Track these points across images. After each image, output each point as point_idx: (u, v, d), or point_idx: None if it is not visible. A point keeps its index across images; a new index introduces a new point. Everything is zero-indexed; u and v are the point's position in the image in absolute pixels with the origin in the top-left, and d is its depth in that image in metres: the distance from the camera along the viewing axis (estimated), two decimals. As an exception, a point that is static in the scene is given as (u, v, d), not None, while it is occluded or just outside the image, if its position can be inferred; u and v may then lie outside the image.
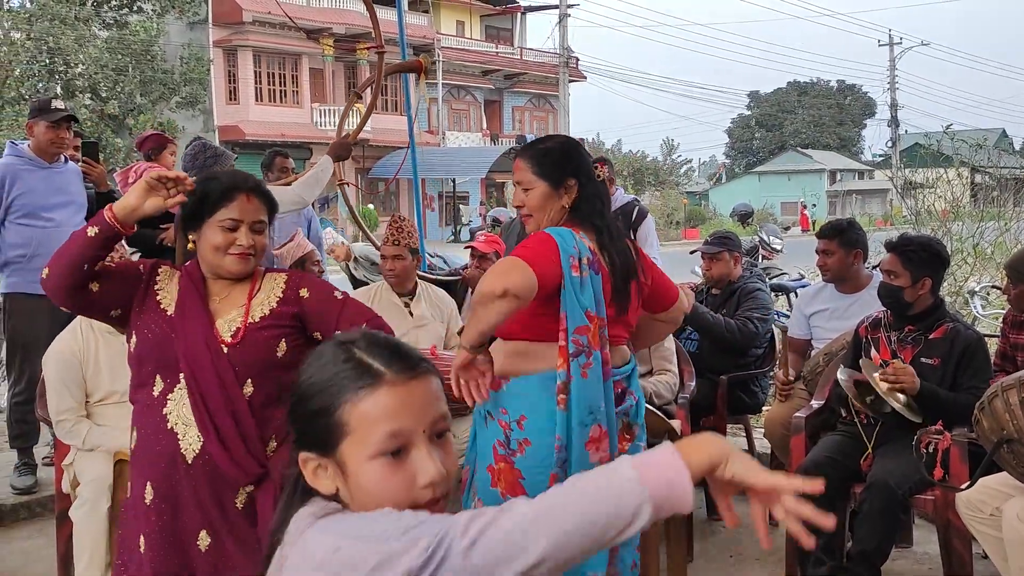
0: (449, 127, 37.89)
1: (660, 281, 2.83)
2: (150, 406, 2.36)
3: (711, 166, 71.87)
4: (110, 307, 2.37)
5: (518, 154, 2.74)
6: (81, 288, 2.31)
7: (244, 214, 2.35)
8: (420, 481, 1.26)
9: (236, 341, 2.34)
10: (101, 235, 2.27)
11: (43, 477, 4.88)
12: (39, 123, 4.77)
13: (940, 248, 3.68)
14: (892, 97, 47.97)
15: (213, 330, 2.35)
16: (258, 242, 2.38)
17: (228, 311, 2.40)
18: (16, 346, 4.82)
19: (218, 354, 2.32)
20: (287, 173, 6.12)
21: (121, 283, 2.38)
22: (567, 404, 2.52)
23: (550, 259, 2.49)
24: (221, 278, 2.40)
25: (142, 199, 2.27)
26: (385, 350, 1.31)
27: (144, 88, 24.63)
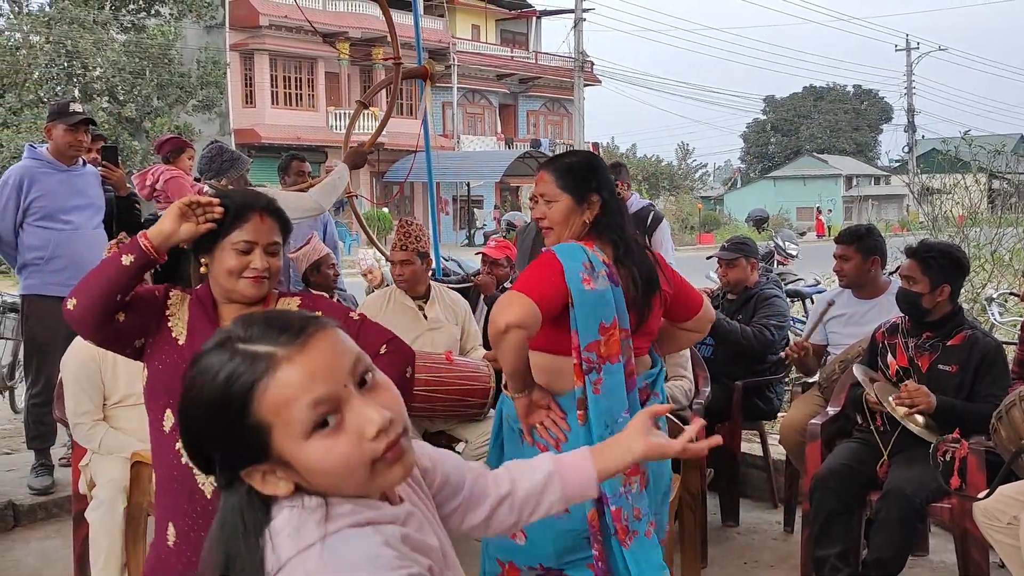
0: (464, 131, 37.94)
1: (684, 289, 2.84)
2: (163, 444, 2.26)
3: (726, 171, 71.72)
4: (134, 337, 2.26)
5: (542, 167, 2.75)
6: (111, 320, 2.20)
7: (258, 235, 2.25)
8: (368, 434, 1.17)
9: None
10: (136, 264, 2.18)
11: (60, 478, 4.90)
12: (57, 126, 4.80)
13: (960, 255, 3.66)
14: (909, 102, 47.73)
15: None
16: (272, 264, 2.27)
17: None
18: (34, 348, 4.85)
19: None
20: (304, 177, 6.14)
21: (144, 310, 2.27)
22: (586, 419, 2.55)
23: (551, 282, 2.51)
24: (233, 302, 2.29)
25: (176, 224, 2.19)
26: (264, 327, 1.19)
27: (161, 91, 24.78)
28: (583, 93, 34.18)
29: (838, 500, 3.45)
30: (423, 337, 4.22)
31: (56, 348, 3.94)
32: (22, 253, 4.79)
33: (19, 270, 4.87)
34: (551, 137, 40.34)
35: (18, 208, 4.72)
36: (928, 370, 3.51)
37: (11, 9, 25.78)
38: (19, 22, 24.54)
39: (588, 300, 2.52)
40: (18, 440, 5.77)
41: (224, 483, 1.23)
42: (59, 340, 3.98)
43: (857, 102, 67.79)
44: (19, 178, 4.75)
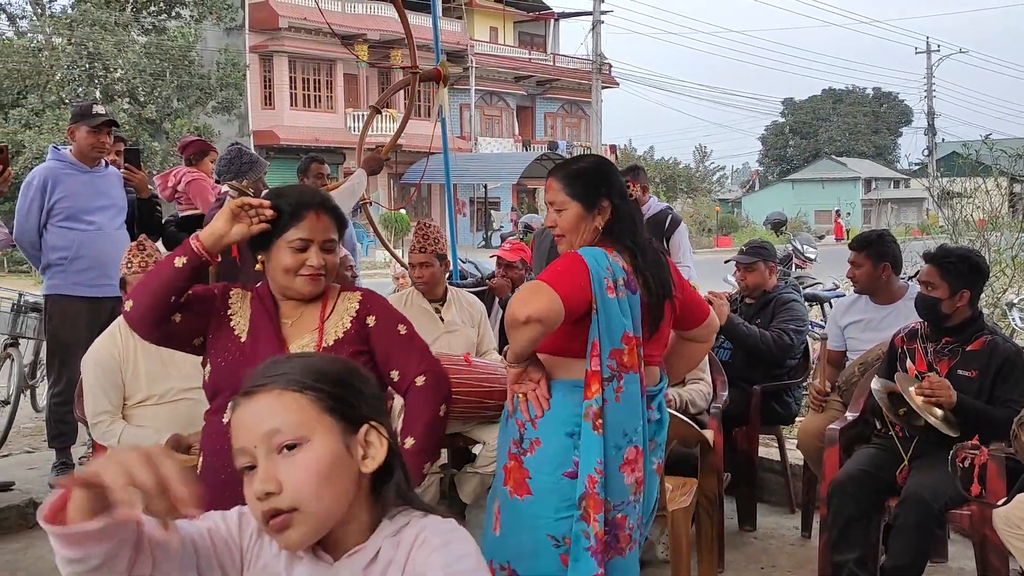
0: (481, 133, 37.99)
1: (690, 296, 2.81)
2: (220, 433, 2.23)
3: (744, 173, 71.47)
4: (193, 336, 2.31)
5: (551, 174, 2.71)
6: (166, 320, 2.24)
7: (314, 233, 2.25)
8: (250, 494, 1.36)
9: None
10: (189, 265, 2.20)
11: (80, 477, 4.94)
12: (80, 128, 4.85)
13: (980, 260, 3.64)
14: (929, 105, 47.47)
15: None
16: (329, 261, 2.28)
17: (301, 335, 2.29)
18: (56, 347, 4.89)
19: None
20: (322, 179, 6.16)
21: (201, 310, 2.29)
22: (603, 428, 2.48)
23: (578, 283, 2.46)
24: (291, 299, 2.31)
25: (228, 226, 2.21)
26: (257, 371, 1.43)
27: (181, 93, 24.95)
28: (601, 95, 34.15)
29: (856, 505, 3.44)
30: (440, 340, 4.23)
31: (78, 348, 3.98)
32: (46, 253, 4.84)
33: (42, 270, 4.92)
34: (568, 139, 40.33)
35: (42, 209, 4.77)
36: (947, 375, 3.49)
37: (34, 11, 26.04)
38: (42, 24, 24.77)
39: (612, 308, 2.48)
40: (39, 439, 5.82)
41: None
42: (81, 340, 4.02)
43: (876, 105, 67.42)
44: (43, 179, 4.80)
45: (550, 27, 42.77)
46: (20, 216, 4.82)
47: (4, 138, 20.98)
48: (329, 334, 2.28)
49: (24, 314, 6.09)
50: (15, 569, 4.19)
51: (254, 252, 2.30)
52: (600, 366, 2.48)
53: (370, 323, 2.31)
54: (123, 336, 3.77)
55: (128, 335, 3.78)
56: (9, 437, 5.80)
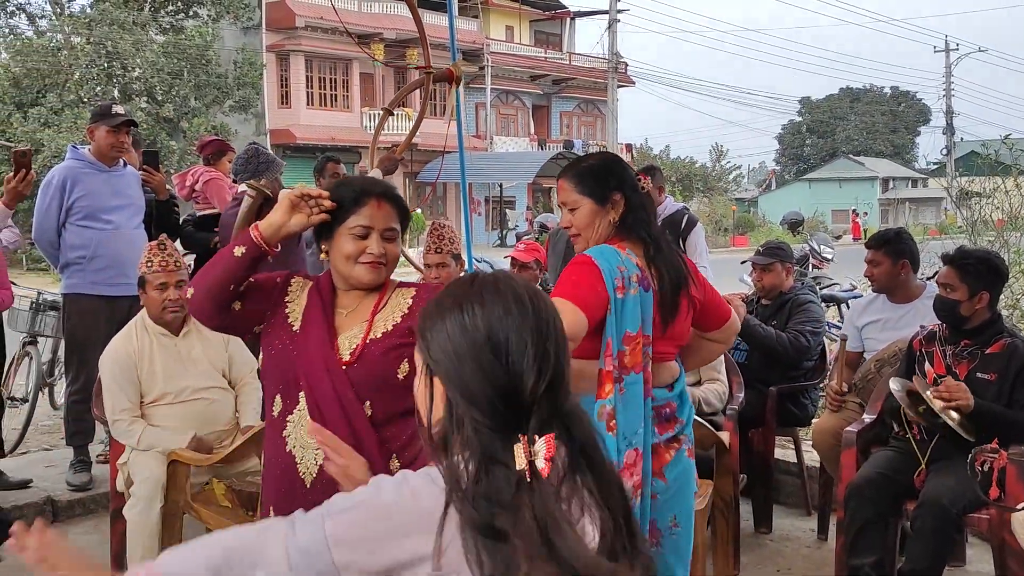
0: (497, 132, 37.99)
1: (713, 299, 2.78)
2: (272, 427, 2.29)
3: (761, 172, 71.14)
4: (253, 324, 2.32)
5: (560, 175, 2.69)
6: (226, 309, 2.27)
7: (374, 221, 2.23)
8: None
9: (354, 360, 2.21)
10: (248, 255, 2.22)
11: (97, 474, 4.97)
12: (99, 127, 4.87)
13: (999, 262, 3.61)
14: (947, 104, 47.13)
15: (333, 348, 2.23)
16: (390, 251, 2.26)
17: (352, 326, 2.27)
18: (74, 346, 4.93)
19: (336, 374, 2.20)
20: (337, 178, 6.19)
21: (261, 298, 2.32)
22: (616, 429, 2.46)
23: (595, 290, 2.44)
24: (353, 289, 2.29)
25: (287, 216, 2.22)
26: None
27: (198, 92, 25.06)
28: (616, 94, 34.08)
29: (873, 509, 3.42)
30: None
31: (96, 346, 4.01)
32: (64, 252, 4.87)
33: (61, 269, 4.96)
34: (584, 138, 40.27)
35: (61, 208, 4.81)
36: (966, 378, 3.47)
37: (53, 11, 26.22)
38: (61, 23, 24.93)
39: (618, 308, 2.47)
40: (57, 436, 5.86)
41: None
42: (99, 339, 4.04)
43: (894, 103, 67.03)
44: (62, 178, 4.83)
45: (566, 26, 42.72)
46: (39, 215, 4.85)
47: (24, 136, 21.14)
48: (378, 326, 2.26)
49: (43, 312, 6.14)
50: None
51: (319, 242, 2.31)
52: (613, 365, 2.47)
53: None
54: (139, 335, 3.80)
55: (144, 333, 3.81)
56: (27, 435, 5.84)
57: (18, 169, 4.50)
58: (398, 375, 2.21)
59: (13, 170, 4.48)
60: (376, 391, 2.21)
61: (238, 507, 3.61)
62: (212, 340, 3.91)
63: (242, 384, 3.97)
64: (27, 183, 4.53)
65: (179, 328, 3.86)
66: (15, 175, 4.50)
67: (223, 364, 3.93)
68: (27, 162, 4.52)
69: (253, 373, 4.04)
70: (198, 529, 4.05)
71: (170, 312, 3.79)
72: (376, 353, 2.22)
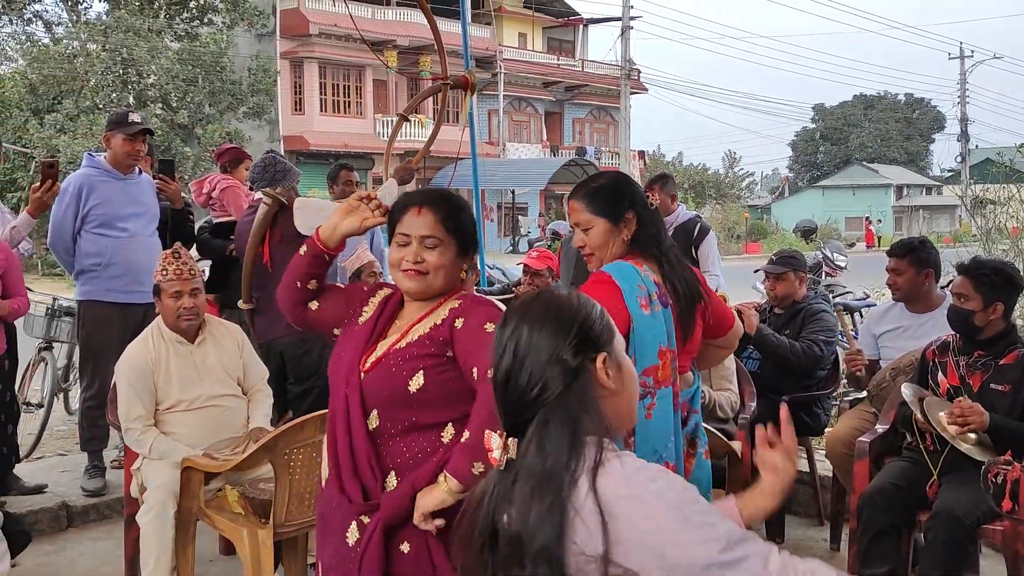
0: (509, 138, 38.03)
1: (718, 308, 2.80)
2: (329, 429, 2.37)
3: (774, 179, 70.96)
4: (331, 326, 2.43)
5: (570, 197, 2.73)
6: (301, 306, 2.42)
7: (412, 228, 2.24)
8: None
9: (372, 368, 2.24)
10: (309, 253, 2.37)
11: (111, 480, 5.00)
12: (116, 135, 4.91)
13: (1014, 272, 3.59)
14: (962, 111, 46.96)
15: (361, 355, 2.27)
16: (429, 259, 2.23)
17: (393, 335, 2.30)
18: (89, 352, 4.95)
19: (352, 381, 2.24)
20: (351, 186, 6.21)
21: (338, 303, 2.41)
22: (635, 447, 2.45)
23: (614, 308, 2.38)
24: (414, 300, 2.31)
25: (341, 219, 2.34)
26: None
27: (213, 98, 25.18)
28: (629, 101, 34.08)
29: (886, 519, 3.41)
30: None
31: (111, 353, 4.04)
32: (79, 260, 4.90)
33: (76, 276, 4.99)
34: (597, 145, 40.28)
35: (77, 215, 4.84)
36: (980, 389, 3.46)
37: (69, 18, 26.42)
38: (77, 30, 25.12)
39: (647, 324, 2.48)
40: (71, 442, 5.90)
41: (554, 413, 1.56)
42: (114, 345, 4.07)
43: (908, 111, 66.82)
44: (79, 186, 4.86)
45: (579, 33, 42.77)
46: (55, 222, 4.89)
47: (40, 143, 21.29)
48: (413, 334, 2.26)
49: (58, 318, 6.17)
50: (48, 572, 4.24)
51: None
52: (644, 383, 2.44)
53: (458, 325, 2.23)
54: (155, 343, 3.82)
55: (160, 340, 3.83)
56: (42, 440, 5.88)
57: (44, 179, 4.54)
58: (408, 387, 2.17)
59: (40, 179, 4.52)
60: (383, 402, 2.20)
61: (251, 514, 3.62)
62: (227, 348, 3.93)
63: (254, 392, 3.99)
64: (52, 193, 4.58)
65: (195, 336, 3.88)
66: (41, 184, 4.54)
67: (238, 372, 3.95)
68: (54, 172, 4.57)
69: (264, 382, 4.06)
70: (211, 535, 4.08)
71: (185, 320, 3.81)
72: (392, 363, 2.21)
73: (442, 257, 2.24)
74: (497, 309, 2.25)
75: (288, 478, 3.48)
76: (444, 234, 2.25)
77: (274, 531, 3.46)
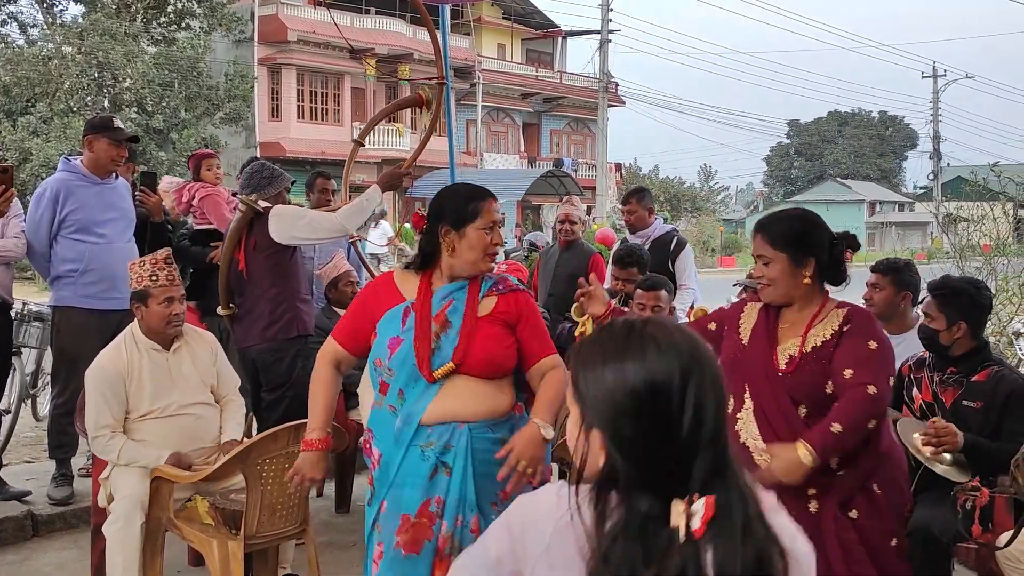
0: (487, 149, 38.04)
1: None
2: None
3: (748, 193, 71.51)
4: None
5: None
6: None
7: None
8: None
9: (790, 370, 2.66)
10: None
11: (80, 488, 4.93)
12: (101, 140, 4.85)
13: (976, 292, 3.57)
14: (935, 129, 47.49)
15: (772, 358, 2.69)
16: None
17: (789, 338, 2.71)
18: (63, 359, 4.87)
19: (775, 381, 2.66)
20: (327, 194, 6.20)
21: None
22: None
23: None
24: (787, 306, 2.74)
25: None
26: None
27: (189, 103, 25.00)
28: (607, 113, 34.20)
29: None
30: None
31: (86, 360, 3.96)
32: (55, 265, 4.83)
33: (51, 281, 4.91)
34: (574, 156, 40.38)
35: (53, 220, 4.77)
36: (952, 406, 3.47)
37: (45, 20, 26.16)
38: (52, 33, 24.87)
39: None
40: (39, 449, 5.81)
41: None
42: (89, 352, 3.99)
43: (882, 128, 67.58)
44: (55, 191, 4.79)
45: (557, 44, 42.89)
46: (31, 227, 4.81)
47: (12, 145, 21.04)
48: (810, 340, 2.67)
49: (27, 323, 6.07)
50: (12, 581, 4.16)
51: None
52: None
53: (845, 329, 2.67)
54: (129, 349, 3.77)
55: (134, 348, 3.77)
56: (8, 447, 5.78)
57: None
58: (825, 389, 2.62)
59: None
60: (808, 398, 2.63)
61: (221, 524, 3.57)
62: (201, 356, 3.88)
63: (226, 401, 3.95)
64: (6, 199, 4.49)
65: (170, 343, 3.84)
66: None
67: (211, 380, 3.90)
68: (8, 179, 4.48)
69: (236, 390, 4.01)
70: (180, 545, 4.01)
71: (173, 326, 3.78)
72: (808, 366, 2.64)
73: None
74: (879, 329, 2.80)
75: (260, 489, 3.44)
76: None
77: (245, 543, 3.42)
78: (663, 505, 1.28)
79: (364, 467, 5.57)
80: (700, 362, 1.34)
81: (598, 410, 1.33)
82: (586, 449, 1.35)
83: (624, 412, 1.31)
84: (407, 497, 2.63)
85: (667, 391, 1.30)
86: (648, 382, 1.31)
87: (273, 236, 4.39)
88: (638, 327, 1.38)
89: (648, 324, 1.39)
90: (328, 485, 5.30)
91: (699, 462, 1.29)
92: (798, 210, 2.91)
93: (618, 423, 1.31)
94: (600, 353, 1.37)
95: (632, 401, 1.30)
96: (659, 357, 1.32)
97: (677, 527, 1.25)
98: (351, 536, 4.81)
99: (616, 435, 1.31)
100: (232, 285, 4.57)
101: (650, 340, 1.35)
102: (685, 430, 1.29)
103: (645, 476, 1.29)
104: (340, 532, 4.86)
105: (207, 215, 5.61)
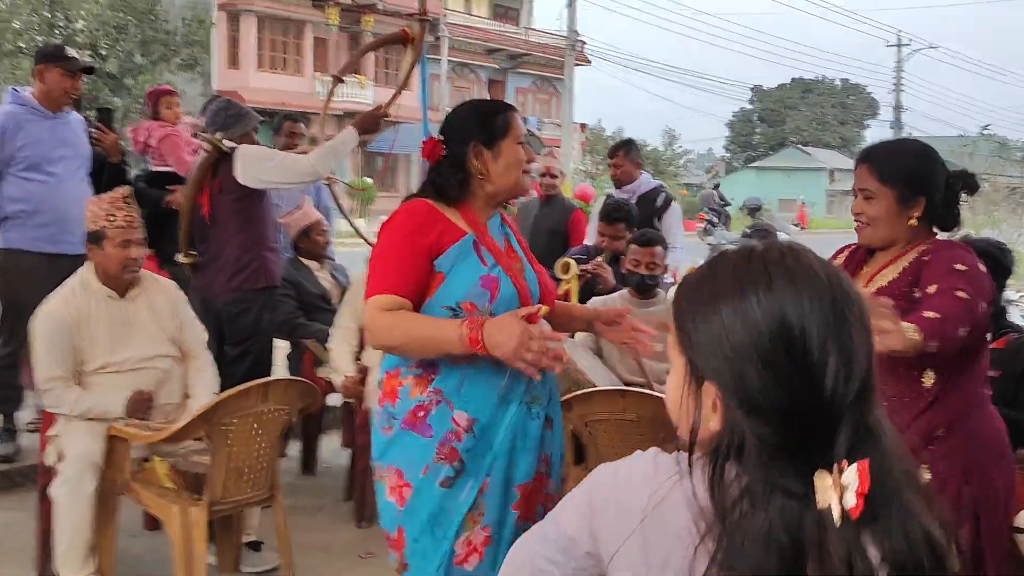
0: (451, 104, 37.53)
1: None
2: None
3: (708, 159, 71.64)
4: None
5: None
6: None
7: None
8: None
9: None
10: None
11: (25, 445, 4.63)
12: (52, 69, 4.52)
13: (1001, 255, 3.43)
14: (896, 99, 47.74)
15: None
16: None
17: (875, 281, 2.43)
18: (10, 305, 4.57)
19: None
20: (295, 138, 5.90)
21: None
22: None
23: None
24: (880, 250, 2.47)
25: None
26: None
27: (144, 48, 24.23)
28: (573, 72, 33.83)
29: None
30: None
31: (35, 306, 3.64)
32: (3, 205, 4.53)
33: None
34: (539, 116, 40.04)
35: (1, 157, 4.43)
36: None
37: (-7, -45, 25.11)
38: (1, -31, 23.89)
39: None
40: (-17, 402, 5.46)
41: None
42: (39, 298, 3.67)
43: (844, 96, 67.84)
44: (2, 126, 4.46)
45: (524, 1, 42.30)
46: None
47: (-43, 85, 20.22)
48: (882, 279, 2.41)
49: (-30, 268, 5.70)
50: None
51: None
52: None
53: (925, 259, 2.36)
54: (80, 295, 3.45)
55: (85, 294, 3.46)
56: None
57: None
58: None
59: None
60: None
61: (182, 488, 3.30)
62: (161, 305, 3.58)
63: (192, 358, 3.64)
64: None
65: (126, 290, 3.52)
66: None
67: (173, 331, 3.59)
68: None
69: (204, 346, 3.71)
70: (135, 509, 3.72)
71: (130, 271, 3.47)
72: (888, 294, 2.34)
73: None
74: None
75: (227, 450, 3.17)
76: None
77: (209, 509, 3.16)
78: (802, 478, 1.01)
79: (331, 427, 5.36)
80: (847, 294, 1.06)
81: (713, 358, 1.06)
82: (696, 408, 1.08)
83: (748, 358, 1.03)
84: (522, 464, 2.27)
85: (805, 331, 1.03)
86: (780, 319, 1.03)
87: (239, 178, 4.09)
88: (759, 252, 1.10)
89: (771, 248, 1.10)
90: (292, 446, 5.05)
91: (846, 422, 1.02)
92: (916, 142, 2.60)
93: (741, 373, 1.04)
94: (713, 286, 1.09)
95: (760, 344, 1.03)
96: (793, 288, 1.05)
97: (827, 505, 0.99)
98: (318, 500, 4.58)
99: (738, 388, 1.04)
100: (195, 231, 4.27)
101: (777, 266, 1.07)
102: (829, 380, 1.02)
103: (778, 440, 1.02)
104: (306, 495, 4.63)
105: (165, 157, 5.26)
